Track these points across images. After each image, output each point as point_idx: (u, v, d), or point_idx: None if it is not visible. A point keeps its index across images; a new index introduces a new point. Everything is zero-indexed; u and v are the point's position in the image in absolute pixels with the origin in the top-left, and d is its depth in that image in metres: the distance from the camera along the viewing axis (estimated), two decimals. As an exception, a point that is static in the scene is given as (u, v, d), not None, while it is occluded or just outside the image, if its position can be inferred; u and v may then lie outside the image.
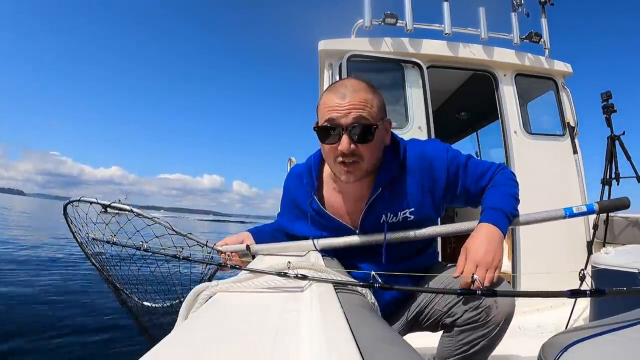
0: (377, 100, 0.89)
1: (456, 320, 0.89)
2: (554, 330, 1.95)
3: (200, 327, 0.43)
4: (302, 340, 0.37)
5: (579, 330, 0.73)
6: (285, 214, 1.14)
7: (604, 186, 2.40)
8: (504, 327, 0.86)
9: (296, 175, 1.09)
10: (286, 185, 1.13)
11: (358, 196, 0.98)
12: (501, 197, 0.93)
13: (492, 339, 0.86)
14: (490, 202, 0.92)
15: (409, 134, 2.32)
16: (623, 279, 1.49)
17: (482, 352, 0.89)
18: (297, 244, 1.04)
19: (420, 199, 0.96)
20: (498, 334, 0.86)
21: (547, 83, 2.83)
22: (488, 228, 0.86)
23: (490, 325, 0.84)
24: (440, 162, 0.95)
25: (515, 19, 2.70)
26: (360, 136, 0.84)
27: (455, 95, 3.67)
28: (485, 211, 0.91)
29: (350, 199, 0.99)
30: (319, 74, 2.77)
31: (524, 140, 2.60)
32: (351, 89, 0.86)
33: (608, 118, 2.41)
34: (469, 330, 0.87)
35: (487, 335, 0.85)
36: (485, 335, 0.86)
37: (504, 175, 1.00)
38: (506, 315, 0.85)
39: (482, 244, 0.83)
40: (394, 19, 2.51)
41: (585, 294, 0.62)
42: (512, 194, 0.95)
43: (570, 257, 2.48)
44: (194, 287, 0.62)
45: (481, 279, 0.77)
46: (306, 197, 1.01)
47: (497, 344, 0.89)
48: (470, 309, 0.86)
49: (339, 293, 0.60)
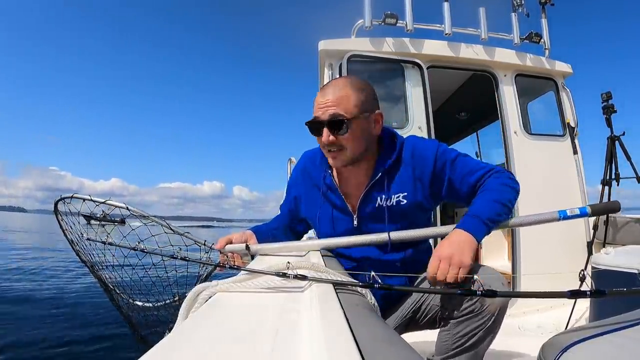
0: (359, 96, 0.98)
1: (452, 313, 0.92)
2: (554, 331, 1.95)
3: (200, 327, 0.43)
4: (302, 341, 0.37)
5: (579, 330, 0.73)
6: (292, 196, 1.22)
7: (604, 186, 2.40)
8: (499, 317, 0.88)
9: (310, 157, 1.19)
10: (300, 166, 1.22)
11: (358, 182, 1.07)
12: (484, 203, 0.95)
13: (488, 329, 0.88)
14: (472, 208, 0.95)
15: (409, 133, 2.31)
16: (623, 280, 1.49)
17: (479, 344, 0.90)
18: (296, 244, 1.04)
19: (412, 187, 1.03)
20: (494, 325, 0.88)
21: (547, 83, 2.83)
22: (460, 234, 0.88)
23: (486, 315, 0.86)
24: (430, 154, 1.03)
25: (515, 19, 2.70)
26: (336, 129, 0.96)
27: (456, 96, 3.67)
28: (464, 217, 0.93)
29: (352, 184, 1.08)
30: (319, 74, 2.77)
31: (524, 141, 2.60)
32: (333, 87, 0.98)
33: (608, 118, 2.41)
34: (465, 322, 0.89)
35: (483, 326, 0.87)
36: (482, 326, 0.87)
37: (498, 179, 1.00)
38: (501, 305, 0.87)
39: (449, 247, 0.85)
40: (394, 19, 2.51)
41: (585, 294, 0.62)
42: (499, 199, 0.95)
43: (571, 257, 2.48)
44: (194, 287, 0.62)
45: (444, 273, 0.80)
46: (320, 174, 1.12)
47: (493, 335, 0.91)
48: (465, 300, 0.88)
49: (338, 293, 0.60)
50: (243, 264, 0.96)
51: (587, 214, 0.95)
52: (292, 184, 1.23)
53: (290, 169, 2.65)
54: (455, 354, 0.91)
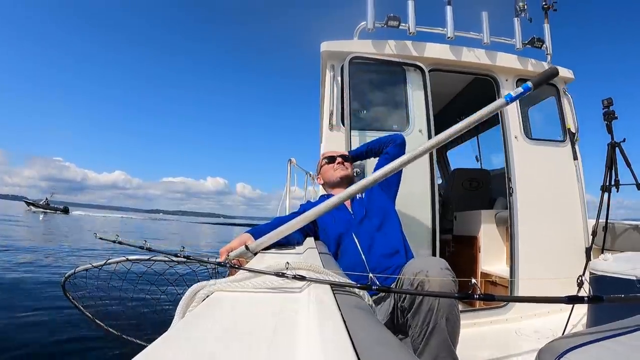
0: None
1: (405, 308, 1.06)
2: (551, 336, 1.95)
3: (197, 325, 0.42)
4: (298, 341, 0.37)
5: (577, 336, 0.72)
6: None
7: (604, 193, 2.40)
8: (444, 300, 0.98)
9: (310, 202, 1.80)
10: (309, 204, 1.67)
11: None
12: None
13: (439, 314, 0.98)
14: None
15: (409, 137, 2.32)
16: (621, 286, 1.49)
17: (440, 332, 0.99)
18: (287, 225, 0.99)
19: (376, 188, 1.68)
20: (444, 308, 0.98)
21: (549, 89, 2.84)
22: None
23: (430, 299, 0.98)
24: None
25: (517, 24, 2.71)
26: (343, 159, 1.83)
27: (457, 99, 3.67)
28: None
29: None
30: (321, 76, 2.77)
31: (525, 146, 2.60)
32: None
33: (609, 125, 2.42)
34: (416, 311, 1.03)
35: (432, 310, 0.98)
36: (431, 310, 0.98)
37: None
38: (440, 284, 0.95)
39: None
40: (397, 22, 2.52)
41: (583, 300, 0.62)
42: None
43: (569, 263, 2.48)
44: (192, 286, 0.62)
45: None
46: (324, 198, 1.70)
47: (451, 319, 1.00)
48: (409, 290, 1.05)
49: (336, 294, 0.60)
50: (243, 264, 0.96)
51: (529, 88, 0.95)
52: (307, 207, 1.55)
53: (290, 169, 2.66)
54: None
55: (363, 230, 1.48)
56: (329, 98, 2.44)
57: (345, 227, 1.49)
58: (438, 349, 1.00)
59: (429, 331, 1.00)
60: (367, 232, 1.47)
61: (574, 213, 2.62)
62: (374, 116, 2.59)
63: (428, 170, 2.36)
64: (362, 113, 2.57)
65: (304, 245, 1.27)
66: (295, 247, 1.19)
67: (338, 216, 1.54)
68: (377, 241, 1.45)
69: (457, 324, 1.04)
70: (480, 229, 3.04)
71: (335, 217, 1.52)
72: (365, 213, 1.56)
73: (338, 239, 1.46)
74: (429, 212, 2.32)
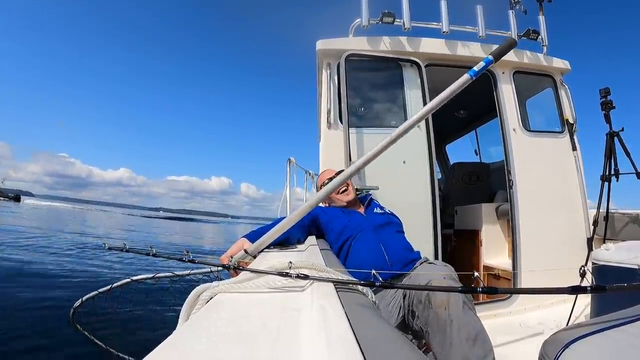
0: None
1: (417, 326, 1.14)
2: (555, 327, 1.95)
3: (201, 328, 0.42)
4: (303, 340, 0.37)
5: (580, 327, 0.73)
6: (317, 214, 1.63)
7: (604, 183, 2.40)
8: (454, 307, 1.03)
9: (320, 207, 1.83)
10: (320, 209, 1.73)
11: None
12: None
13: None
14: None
15: (407, 133, 2.31)
16: (623, 275, 1.49)
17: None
18: (285, 221, 0.95)
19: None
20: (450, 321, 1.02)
21: (546, 80, 2.84)
22: None
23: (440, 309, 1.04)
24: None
25: (512, 17, 2.70)
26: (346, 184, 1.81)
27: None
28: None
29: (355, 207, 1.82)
30: (317, 74, 2.76)
31: (523, 138, 2.60)
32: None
33: (607, 114, 2.41)
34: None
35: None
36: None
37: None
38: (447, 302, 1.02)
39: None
40: (392, 18, 2.51)
41: (586, 290, 0.62)
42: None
43: (571, 254, 2.48)
44: (195, 288, 0.62)
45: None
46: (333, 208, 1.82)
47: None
48: (414, 285, 1.15)
49: (340, 292, 0.60)
50: (245, 265, 0.96)
51: (490, 61, 0.96)
52: (319, 212, 1.65)
53: (289, 169, 2.65)
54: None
55: (379, 227, 1.58)
56: (326, 96, 2.43)
57: (359, 225, 1.57)
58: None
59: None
60: (383, 229, 1.58)
61: (574, 203, 2.62)
62: (372, 113, 2.58)
63: (427, 165, 2.36)
64: (360, 110, 2.56)
65: (305, 243, 1.28)
66: (296, 246, 1.19)
67: (351, 216, 1.64)
68: (395, 237, 1.57)
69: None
70: (482, 222, 3.05)
71: (349, 216, 1.64)
72: (375, 215, 1.69)
73: (353, 236, 1.52)
74: (429, 207, 2.32)
